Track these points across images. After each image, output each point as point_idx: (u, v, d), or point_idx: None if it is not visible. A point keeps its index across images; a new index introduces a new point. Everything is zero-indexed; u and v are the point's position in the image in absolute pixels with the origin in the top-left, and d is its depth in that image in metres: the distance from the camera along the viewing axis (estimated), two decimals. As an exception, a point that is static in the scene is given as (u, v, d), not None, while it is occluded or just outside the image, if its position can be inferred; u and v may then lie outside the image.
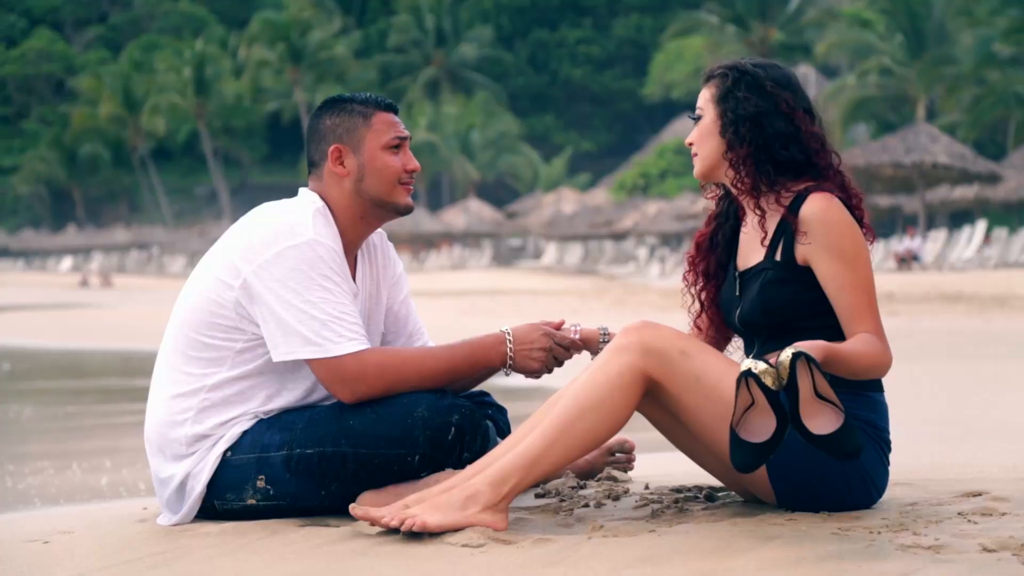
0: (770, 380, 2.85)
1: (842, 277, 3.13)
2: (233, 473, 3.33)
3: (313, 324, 3.23)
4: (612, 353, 3.13)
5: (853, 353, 3.04)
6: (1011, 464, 4.24)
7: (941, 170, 31.43)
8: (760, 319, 3.22)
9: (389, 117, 3.46)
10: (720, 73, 3.31)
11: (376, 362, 3.28)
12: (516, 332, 3.44)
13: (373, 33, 74.66)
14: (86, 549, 3.19)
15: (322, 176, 3.44)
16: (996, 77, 42.19)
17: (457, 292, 27.84)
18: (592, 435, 3.11)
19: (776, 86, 3.26)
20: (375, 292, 3.56)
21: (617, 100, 73.13)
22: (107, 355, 15.98)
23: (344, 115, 3.43)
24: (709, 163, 3.31)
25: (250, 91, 69.20)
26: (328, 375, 3.27)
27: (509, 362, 3.42)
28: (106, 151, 73.42)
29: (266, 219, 3.35)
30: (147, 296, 35.23)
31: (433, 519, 3.01)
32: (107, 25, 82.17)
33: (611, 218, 46.98)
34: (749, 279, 3.28)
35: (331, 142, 3.42)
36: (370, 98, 3.46)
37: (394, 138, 3.44)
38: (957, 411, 7.58)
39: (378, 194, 3.42)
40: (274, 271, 3.26)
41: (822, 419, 2.88)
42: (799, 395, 2.86)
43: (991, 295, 20.40)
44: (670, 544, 2.85)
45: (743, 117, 3.24)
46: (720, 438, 3.12)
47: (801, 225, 3.15)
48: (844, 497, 3.15)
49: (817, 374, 2.86)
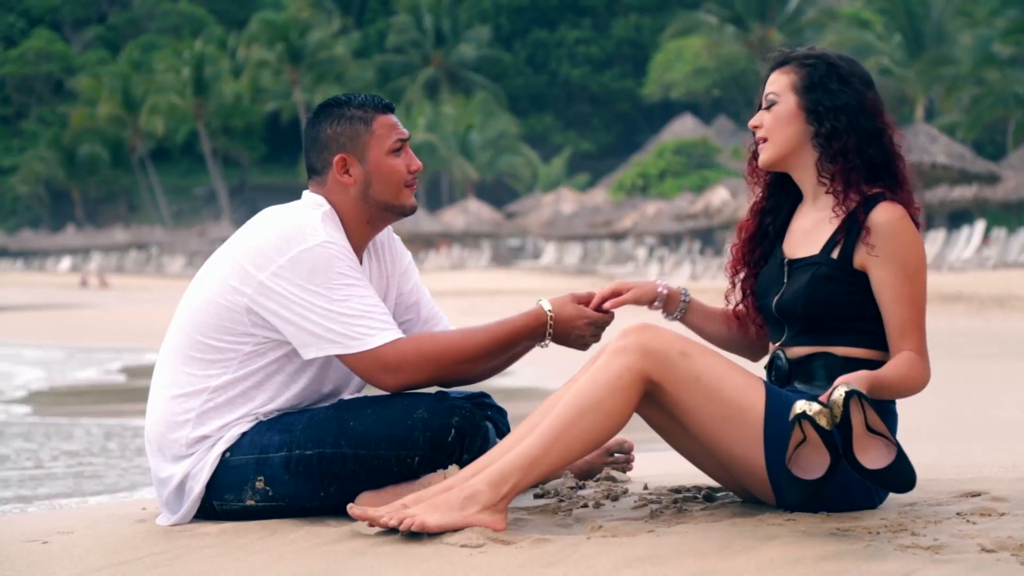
0: (824, 421, 2.88)
1: (900, 289, 3.12)
2: (232, 474, 3.33)
3: (343, 320, 3.24)
4: (612, 354, 3.13)
5: (896, 378, 3.06)
6: (1010, 464, 4.24)
7: (940, 170, 31.42)
8: (800, 310, 3.20)
9: (389, 120, 3.45)
10: (805, 61, 3.25)
11: (414, 349, 3.28)
12: (558, 311, 3.41)
13: (372, 33, 74.61)
14: (85, 549, 3.19)
15: (326, 183, 3.43)
16: (995, 77, 42.19)
17: (456, 292, 27.85)
18: (591, 436, 3.10)
19: (862, 83, 3.23)
20: (385, 289, 3.56)
21: (616, 100, 73.08)
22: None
23: (345, 123, 3.41)
24: (784, 150, 3.26)
25: (249, 91, 69.14)
26: (368, 368, 3.27)
27: (549, 335, 3.41)
28: (105, 151, 73.36)
29: (274, 224, 3.35)
30: (146, 296, 35.21)
31: (432, 519, 3.01)
32: (106, 25, 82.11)
33: (610, 218, 46.93)
34: (798, 269, 3.25)
35: (335, 152, 3.41)
36: (367, 100, 3.44)
37: (396, 141, 3.43)
38: (956, 411, 7.59)
39: (385, 199, 3.42)
40: (292, 276, 3.26)
41: (875, 453, 2.91)
42: (852, 432, 2.88)
43: (990, 295, 20.40)
44: (669, 544, 2.85)
45: (837, 110, 3.20)
46: (720, 438, 3.12)
47: (869, 230, 3.14)
48: (844, 499, 3.15)
49: (869, 409, 2.88)
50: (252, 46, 68.94)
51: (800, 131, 3.24)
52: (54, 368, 14.83)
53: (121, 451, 7.54)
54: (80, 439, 8.16)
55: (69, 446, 7.81)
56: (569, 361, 3.59)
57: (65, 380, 13.22)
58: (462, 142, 61.59)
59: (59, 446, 7.83)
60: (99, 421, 9.24)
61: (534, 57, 74.55)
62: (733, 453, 3.16)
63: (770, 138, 3.27)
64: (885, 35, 47.12)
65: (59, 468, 6.85)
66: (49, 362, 15.78)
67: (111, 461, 7.06)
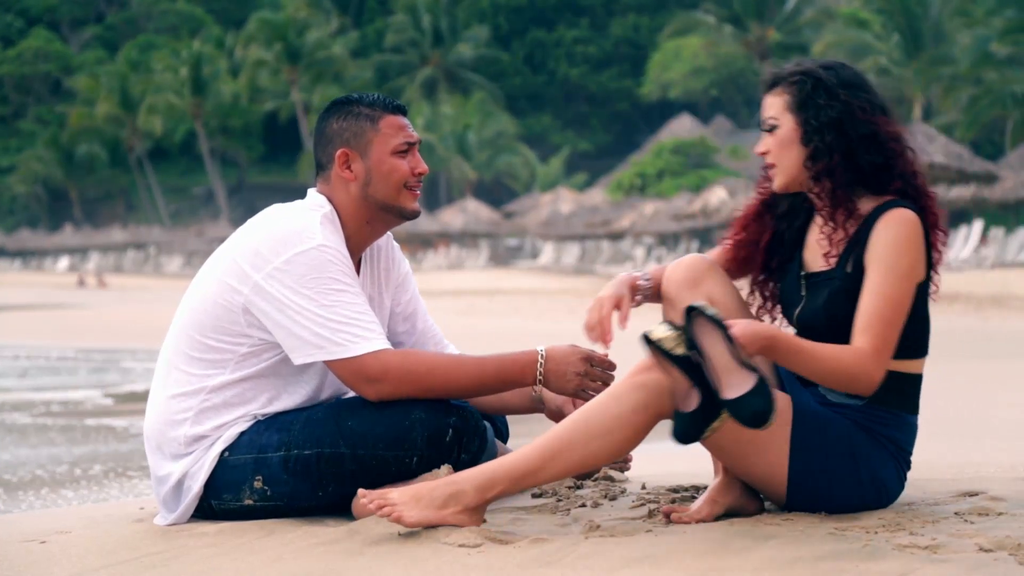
0: (671, 344, 2.85)
1: (878, 286, 3.05)
2: (230, 473, 3.33)
3: (330, 326, 3.23)
4: (631, 388, 3.06)
5: (814, 353, 3.00)
6: (1008, 464, 4.25)
7: (938, 170, 31.46)
8: (822, 325, 3.15)
9: (398, 120, 3.43)
10: (792, 79, 3.20)
11: (399, 363, 3.26)
12: (551, 352, 3.36)
13: (370, 33, 74.61)
14: (83, 549, 3.18)
15: (330, 179, 3.43)
16: (993, 77, 42.21)
17: (454, 292, 27.84)
18: (592, 461, 3.08)
19: (850, 90, 3.16)
20: (377, 296, 3.55)
21: (614, 100, 73.10)
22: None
23: (351, 119, 3.41)
24: (791, 174, 3.20)
25: (247, 91, 69.13)
26: (350, 375, 3.26)
27: (539, 380, 3.35)
28: (103, 151, 73.36)
29: (274, 224, 3.34)
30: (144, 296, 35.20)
31: (411, 514, 3.01)
32: (104, 25, 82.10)
33: (608, 218, 46.95)
34: (815, 284, 3.20)
35: (338, 146, 3.41)
36: (378, 100, 3.43)
37: (403, 143, 3.42)
38: (954, 411, 7.59)
39: (384, 198, 3.41)
40: (285, 278, 3.26)
41: (736, 383, 2.86)
42: (711, 361, 2.84)
43: (988, 295, 20.42)
44: (667, 544, 2.85)
45: (826, 124, 3.14)
46: (744, 463, 3.10)
47: (872, 238, 3.09)
48: (854, 499, 3.13)
49: (738, 342, 2.84)
50: (250, 46, 68.92)
51: (800, 152, 3.18)
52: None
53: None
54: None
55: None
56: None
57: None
58: (460, 142, 61.60)
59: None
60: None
61: (532, 57, 74.56)
62: (753, 473, 3.14)
63: (778, 163, 3.21)
64: (883, 35, 47.12)
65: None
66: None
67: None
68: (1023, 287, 21.35)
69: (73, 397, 10.97)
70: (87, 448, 7.66)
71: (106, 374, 13.43)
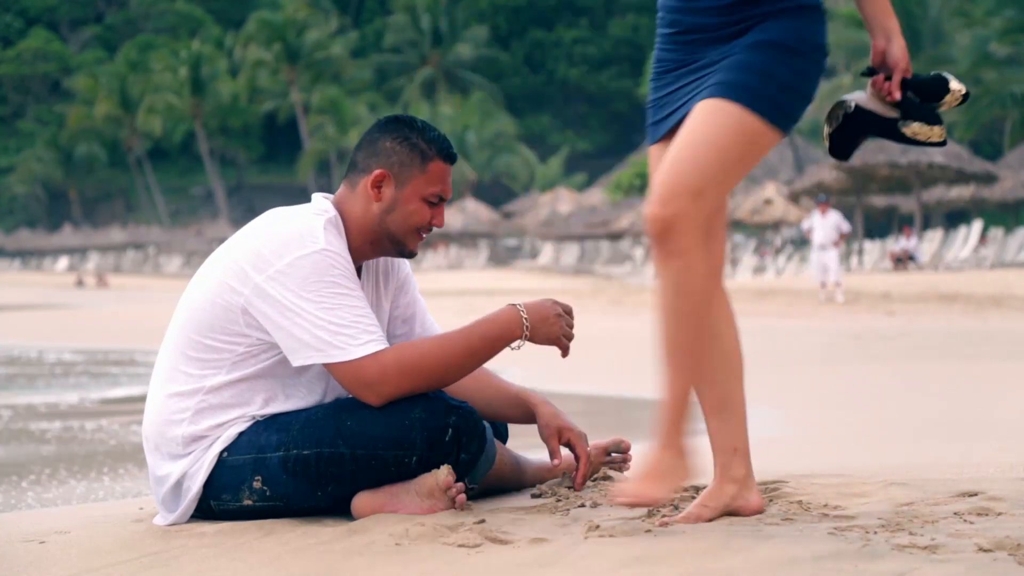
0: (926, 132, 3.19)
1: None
2: (229, 474, 3.33)
3: (330, 329, 3.23)
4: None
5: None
6: (1007, 464, 4.25)
7: (937, 170, 31.47)
8: None
9: (446, 169, 3.45)
10: None
11: (394, 359, 3.26)
12: (528, 303, 3.42)
13: (369, 33, 74.67)
14: (82, 549, 3.18)
15: (356, 186, 3.44)
16: (992, 77, 42.25)
17: (454, 292, 27.84)
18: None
19: None
20: (375, 300, 3.56)
21: (613, 100, 73.15)
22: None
23: (406, 146, 3.41)
24: None
25: (246, 91, 69.20)
26: (349, 379, 3.26)
27: (526, 330, 3.38)
28: (102, 151, 73.42)
29: (277, 226, 3.34)
30: (143, 296, 35.21)
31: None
32: (103, 25, 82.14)
33: (607, 218, 46.97)
34: None
35: (381, 164, 3.41)
36: (437, 140, 3.43)
37: (437, 193, 3.43)
38: (953, 411, 7.59)
39: (396, 232, 3.42)
40: (287, 281, 3.26)
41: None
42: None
43: (987, 295, 20.44)
44: (666, 544, 2.85)
45: None
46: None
47: None
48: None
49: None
50: (249, 46, 69.01)
51: None
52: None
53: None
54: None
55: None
56: (558, 363, 3.58)
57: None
58: (459, 142, 61.63)
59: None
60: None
61: (531, 57, 74.61)
62: None
63: None
64: (882, 35, 47.05)
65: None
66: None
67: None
68: (1023, 287, 21.38)
69: (67, 399, 10.97)
70: (87, 448, 7.66)
71: (103, 376, 13.43)
